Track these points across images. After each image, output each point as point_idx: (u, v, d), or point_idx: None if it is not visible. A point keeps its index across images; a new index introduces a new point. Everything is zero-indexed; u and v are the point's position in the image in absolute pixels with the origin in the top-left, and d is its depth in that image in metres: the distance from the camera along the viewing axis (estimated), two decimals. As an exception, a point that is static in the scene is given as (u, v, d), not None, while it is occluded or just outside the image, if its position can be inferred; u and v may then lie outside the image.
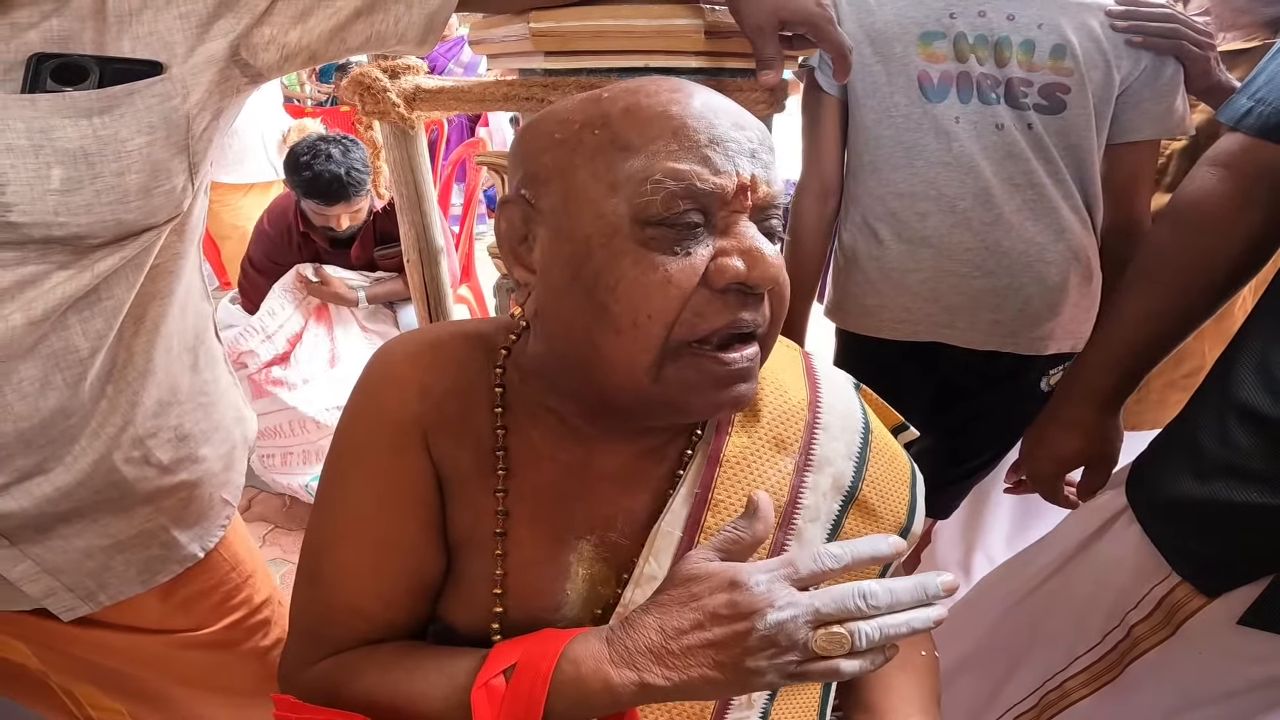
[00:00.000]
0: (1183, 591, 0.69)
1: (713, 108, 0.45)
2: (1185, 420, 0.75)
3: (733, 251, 0.43)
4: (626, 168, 0.43)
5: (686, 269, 0.43)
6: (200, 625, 0.78)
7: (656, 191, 0.42)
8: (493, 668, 0.45)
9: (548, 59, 0.90)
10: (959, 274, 1.03)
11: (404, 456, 0.52)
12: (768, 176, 0.45)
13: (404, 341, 0.56)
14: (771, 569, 0.44)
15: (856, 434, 0.59)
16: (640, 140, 0.43)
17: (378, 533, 0.52)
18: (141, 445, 0.64)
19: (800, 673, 0.42)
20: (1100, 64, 0.97)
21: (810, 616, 0.42)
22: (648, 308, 0.43)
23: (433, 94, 1.06)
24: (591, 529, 0.54)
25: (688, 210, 0.43)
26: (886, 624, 0.42)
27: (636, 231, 0.43)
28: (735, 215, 0.44)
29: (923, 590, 0.44)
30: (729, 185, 0.43)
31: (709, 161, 0.43)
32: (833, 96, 1.09)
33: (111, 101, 0.49)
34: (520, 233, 0.49)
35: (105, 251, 0.53)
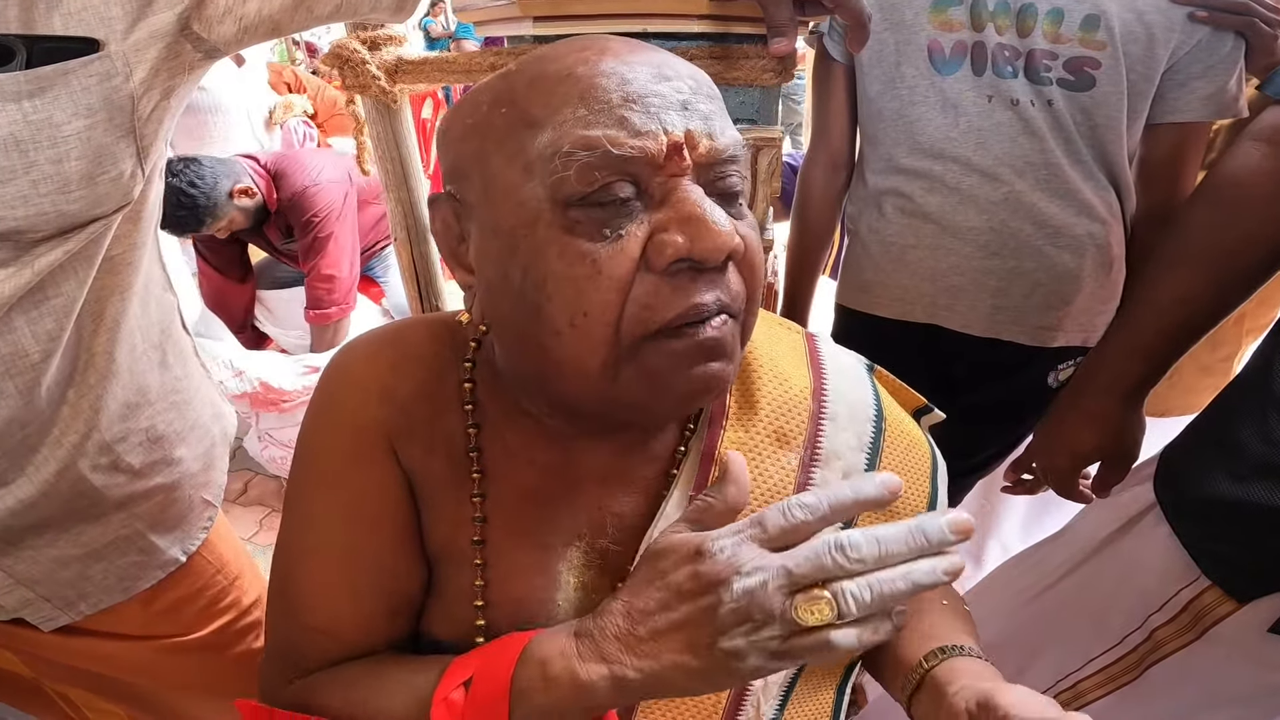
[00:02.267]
0: (1211, 596, 0.65)
1: (627, 61, 0.39)
2: (1220, 414, 0.70)
3: (671, 224, 0.38)
4: (537, 144, 0.38)
5: (616, 254, 0.37)
6: (188, 630, 0.76)
7: (568, 166, 0.37)
8: (451, 681, 0.41)
9: (536, 24, 0.84)
10: (961, 253, 0.97)
11: (368, 466, 0.49)
12: (709, 129, 0.39)
13: (364, 341, 0.52)
14: (738, 530, 0.38)
15: (868, 423, 0.54)
16: (546, 111, 0.38)
17: (347, 549, 0.49)
18: (109, 451, 0.61)
19: (786, 650, 0.35)
20: (1141, 38, 0.86)
21: (783, 580, 0.35)
22: (581, 305, 0.38)
23: (415, 66, 1.00)
24: (579, 535, 0.50)
25: (610, 182, 0.37)
26: (878, 580, 0.35)
27: (559, 216, 0.38)
28: (674, 180, 0.38)
29: (921, 535, 0.36)
30: (654, 146, 0.37)
31: (625, 123, 0.37)
32: (842, 64, 1.03)
33: (42, 83, 0.44)
34: (456, 231, 0.45)
35: (47, 246, 0.48)
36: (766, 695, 0.52)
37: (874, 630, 0.35)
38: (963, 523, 0.36)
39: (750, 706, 0.51)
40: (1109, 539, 0.77)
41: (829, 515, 0.37)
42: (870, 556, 0.35)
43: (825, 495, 0.38)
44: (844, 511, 0.38)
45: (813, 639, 0.35)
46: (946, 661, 0.50)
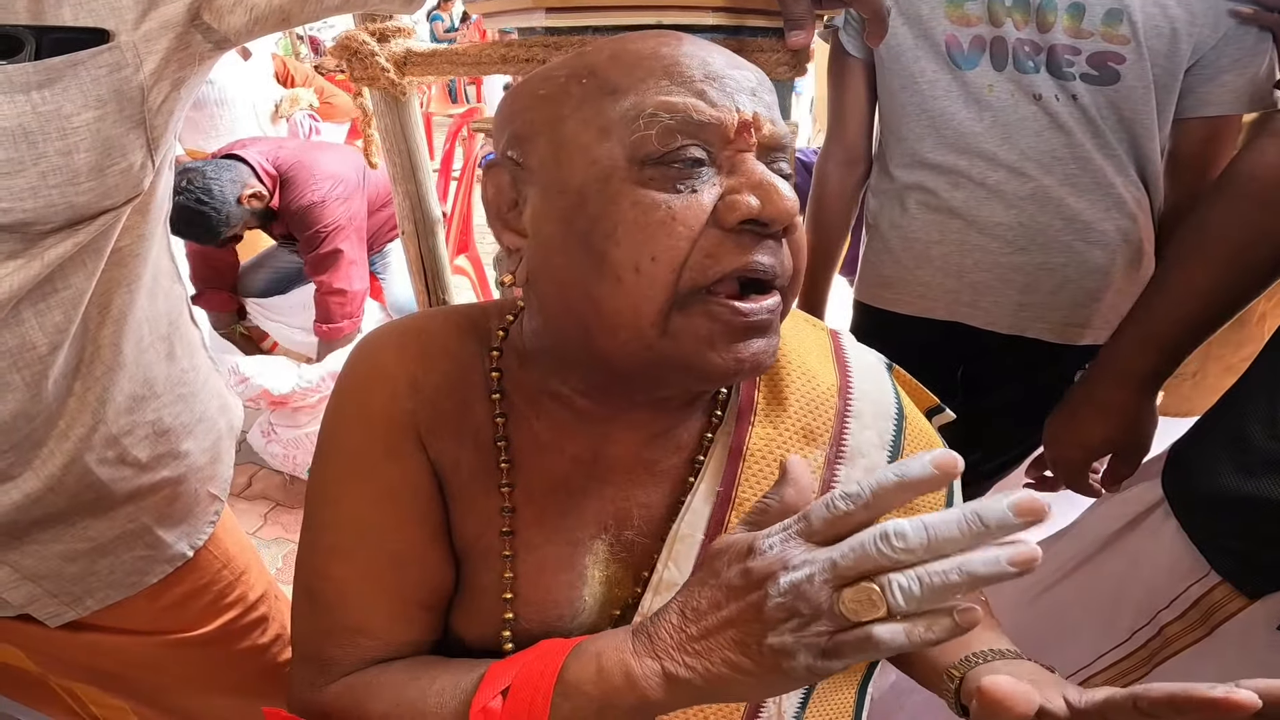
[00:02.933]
0: (1222, 592, 0.65)
1: (705, 48, 0.43)
2: (1229, 409, 0.70)
3: (743, 187, 0.40)
4: (617, 109, 0.41)
5: (693, 205, 0.40)
6: (194, 626, 0.76)
7: (651, 126, 0.39)
8: (490, 689, 0.41)
9: (549, 16, 0.84)
10: (987, 249, 0.96)
11: (399, 459, 0.48)
12: (771, 116, 0.43)
13: (387, 332, 0.52)
14: (785, 526, 0.37)
15: (890, 420, 0.55)
16: (629, 80, 0.41)
17: (378, 544, 0.48)
18: (116, 444, 0.60)
19: (834, 647, 0.34)
20: (1165, 32, 0.85)
21: (829, 573, 0.34)
22: (651, 249, 0.39)
23: (425, 58, 1.00)
24: (605, 527, 0.50)
25: (687, 145, 0.40)
26: (928, 572, 0.32)
27: (634, 172, 0.40)
28: (741, 154, 0.41)
29: (977, 520, 0.32)
30: (729, 120, 0.40)
31: (705, 95, 0.40)
32: (858, 59, 1.02)
33: (52, 74, 0.44)
34: (509, 197, 0.46)
35: (57, 238, 0.48)
36: (789, 695, 0.52)
37: (929, 628, 0.32)
38: (1029, 503, 0.31)
39: (772, 704, 0.51)
40: (1117, 535, 0.77)
41: (872, 503, 0.35)
42: (918, 545, 0.32)
43: (868, 482, 0.36)
44: (889, 497, 0.35)
45: (856, 634, 0.33)
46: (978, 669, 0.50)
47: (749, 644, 0.35)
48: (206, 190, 1.74)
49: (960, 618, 0.33)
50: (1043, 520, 0.32)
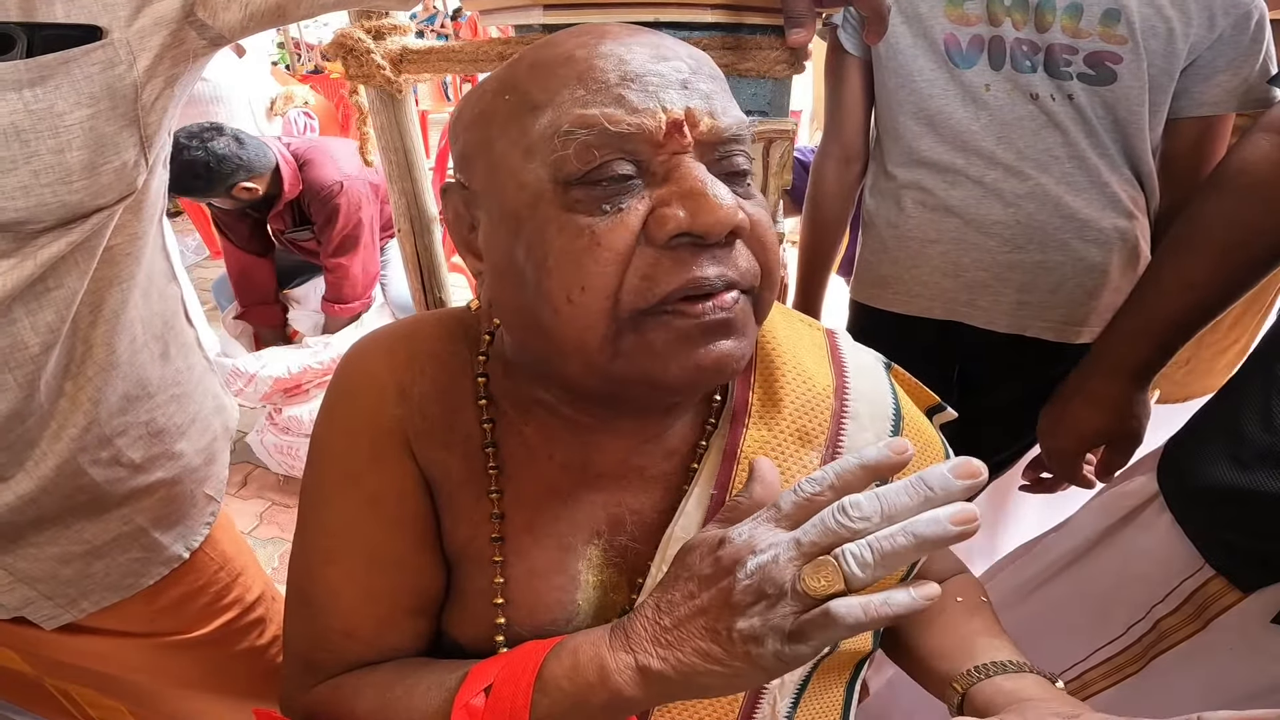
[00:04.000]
0: (1216, 586, 0.66)
1: (625, 43, 0.40)
2: (1224, 402, 0.70)
3: (672, 198, 0.38)
4: (538, 127, 0.39)
5: (616, 226, 0.38)
6: (191, 628, 0.75)
7: (567, 145, 0.37)
8: (472, 686, 0.41)
9: (547, 13, 0.83)
10: (984, 247, 0.96)
11: (387, 466, 0.48)
12: (710, 108, 0.39)
13: (376, 338, 0.52)
14: (756, 516, 0.38)
15: (887, 421, 0.54)
16: (545, 94, 0.39)
17: (367, 550, 0.48)
18: (109, 445, 0.60)
19: (799, 629, 0.34)
20: (1161, 32, 0.85)
21: (793, 551, 0.35)
22: (579, 279, 0.38)
23: (420, 56, 1.00)
24: (598, 532, 0.50)
25: (609, 160, 0.37)
26: (878, 537, 0.33)
27: (560, 195, 0.38)
28: (676, 158, 0.38)
29: (923, 486, 0.34)
30: (651, 124, 0.37)
31: (623, 101, 0.37)
32: (856, 57, 1.02)
33: (44, 72, 0.43)
34: (466, 220, 0.45)
35: (50, 237, 0.48)
36: (782, 693, 0.52)
37: (885, 602, 0.33)
38: (968, 467, 0.34)
39: (766, 705, 0.51)
40: (1111, 529, 0.77)
41: (837, 485, 0.37)
42: (873, 513, 0.34)
43: (832, 466, 0.37)
44: (852, 480, 0.37)
45: (817, 612, 0.33)
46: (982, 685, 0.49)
47: (719, 631, 0.36)
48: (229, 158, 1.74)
49: (917, 592, 0.34)
50: (980, 482, 0.34)
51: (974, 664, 0.51)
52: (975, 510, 0.33)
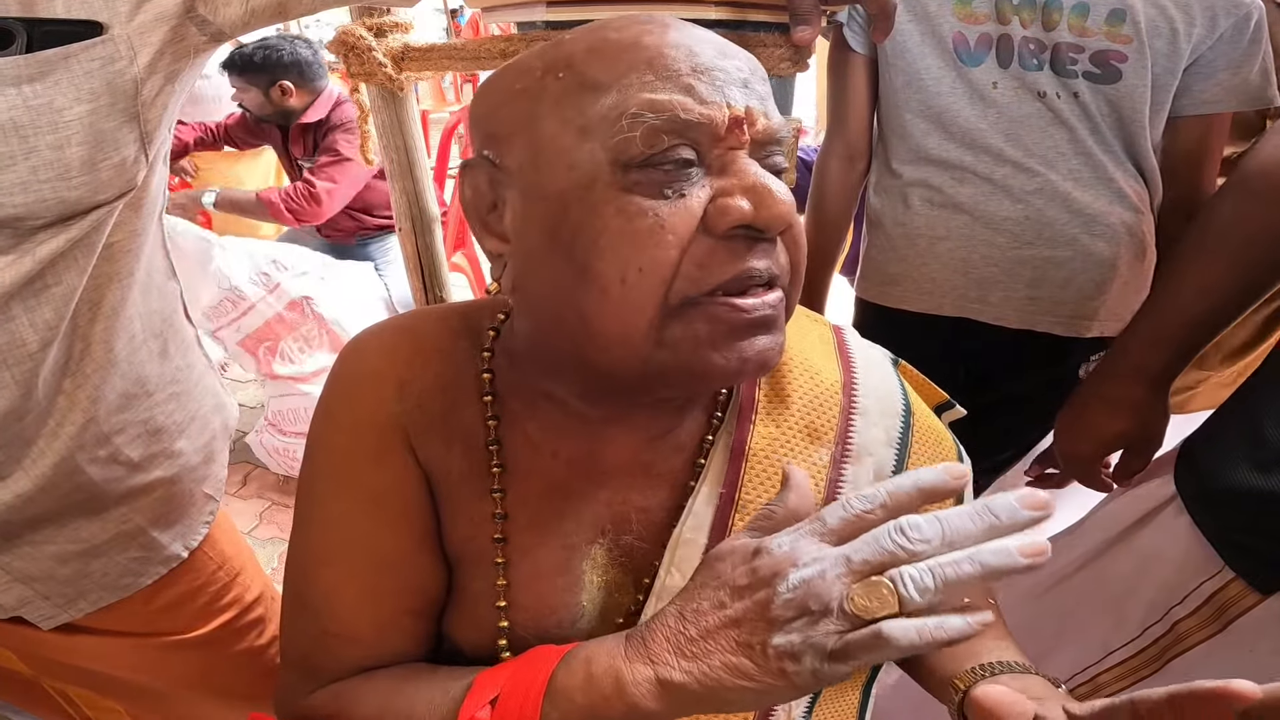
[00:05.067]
0: (1236, 588, 0.65)
1: (692, 36, 0.40)
2: (1243, 404, 0.70)
3: (735, 190, 0.38)
4: (598, 107, 0.38)
5: (681, 211, 0.37)
6: (189, 628, 0.75)
7: (634, 127, 0.36)
8: (478, 697, 0.40)
9: (550, 9, 0.82)
10: (994, 244, 0.96)
11: (387, 463, 0.47)
12: (765, 109, 0.40)
13: (377, 332, 0.50)
14: (797, 529, 0.37)
15: (897, 417, 0.53)
16: (610, 76, 0.38)
17: (366, 552, 0.47)
18: (108, 443, 0.59)
19: (843, 648, 0.32)
20: (1165, 32, 0.87)
21: (841, 568, 0.33)
22: (638, 260, 0.37)
23: (422, 53, 0.99)
24: (602, 531, 0.49)
25: (674, 145, 0.37)
26: (940, 563, 0.32)
27: (618, 177, 0.37)
28: (733, 152, 0.39)
29: (989, 514, 0.32)
30: (719, 116, 0.38)
31: (693, 91, 0.37)
32: (861, 55, 1.02)
33: (43, 67, 0.43)
34: (488, 199, 0.43)
35: (49, 234, 0.47)
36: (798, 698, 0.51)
37: (940, 626, 0.32)
38: (1036, 498, 0.32)
39: (782, 711, 0.50)
40: (1127, 531, 0.76)
41: (889, 504, 0.35)
42: (934, 537, 0.33)
43: (885, 485, 0.36)
44: (905, 500, 0.35)
45: (867, 632, 0.32)
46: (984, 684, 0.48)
47: (753, 645, 0.34)
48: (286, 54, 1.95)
49: (972, 617, 0.32)
50: (1049, 514, 0.33)
51: (977, 663, 0.49)
52: (1046, 544, 0.32)
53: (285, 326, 1.83)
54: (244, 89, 2.05)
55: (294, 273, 1.83)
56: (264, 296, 1.80)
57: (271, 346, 1.85)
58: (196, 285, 1.77)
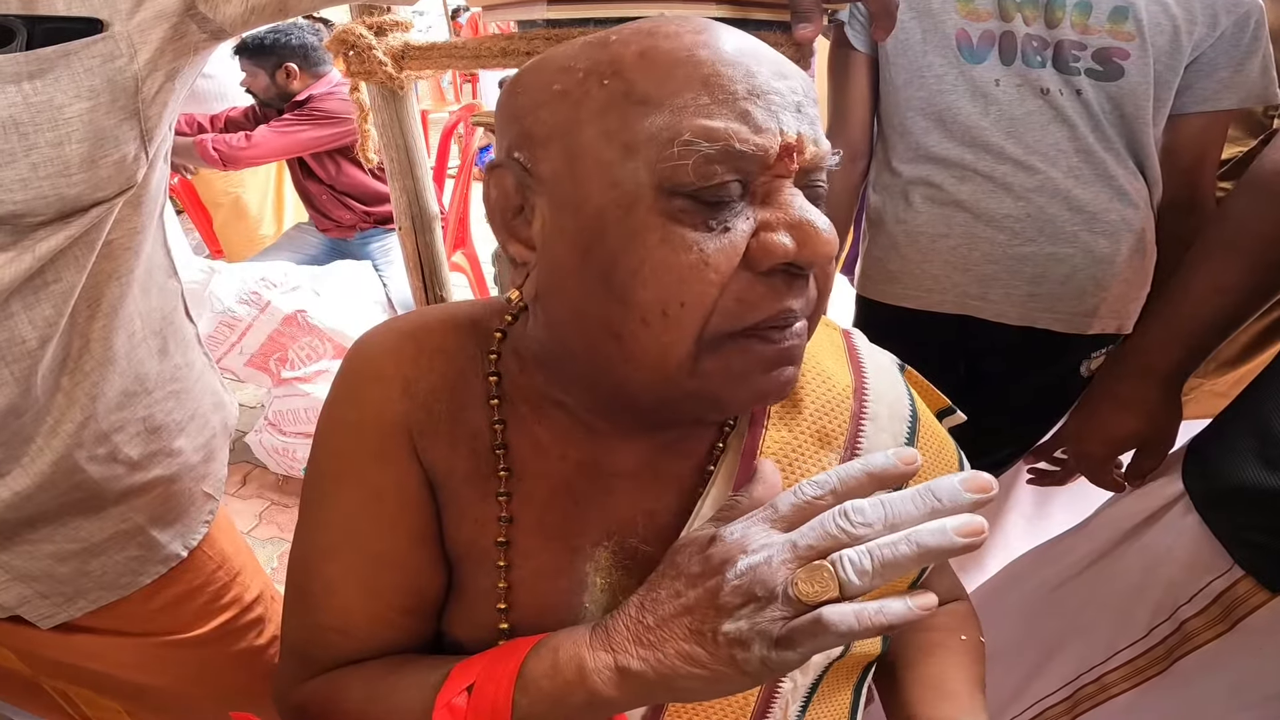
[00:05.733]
0: (1245, 586, 0.64)
1: (749, 52, 0.37)
2: (1251, 401, 0.69)
3: (779, 225, 0.36)
4: (646, 125, 0.35)
5: (726, 249, 0.36)
6: (188, 627, 0.74)
7: (687, 155, 0.34)
8: (455, 685, 0.41)
9: (550, 7, 0.82)
10: (995, 240, 0.96)
11: (388, 464, 0.47)
12: (815, 134, 0.38)
13: (382, 332, 0.50)
14: (749, 516, 0.37)
15: (904, 422, 0.53)
16: (662, 92, 0.36)
17: (364, 549, 0.47)
18: (107, 441, 0.59)
19: (788, 635, 0.32)
20: (1167, 29, 0.88)
21: (787, 553, 0.33)
22: (680, 295, 0.36)
23: (423, 52, 0.98)
24: (609, 534, 0.48)
25: (726, 180, 0.35)
26: (879, 544, 0.32)
27: (662, 202, 0.36)
28: (779, 181, 0.37)
29: (931, 496, 0.33)
30: (772, 146, 0.36)
31: (749, 117, 0.35)
32: (863, 54, 1.02)
33: (44, 64, 0.43)
34: (514, 203, 0.42)
35: (48, 230, 0.47)
36: (794, 697, 0.50)
37: (880, 611, 0.32)
38: (979, 481, 0.32)
39: (778, 708, 0.49)
40: (1134, 530, 0.75)
41: (839, 490, 0.36)
42: (876, 520, 0.33)
43: (836, 470, 0.36)
44: (854, 486, 0.36)
45: (808, 618, 0.32)
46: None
47: (704, 632, 0.34)
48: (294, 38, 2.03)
49: (914, 602, 0.32)
50: (991, 496, 0.33)
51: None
52: (983, 523, 0.32)
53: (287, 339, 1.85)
54: (253, 73, 2.10)
55: (283, 289, 1.85)
56: (257, 316, 1.82)
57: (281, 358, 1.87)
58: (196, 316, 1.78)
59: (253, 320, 1.81)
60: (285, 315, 1.82)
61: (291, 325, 1.83)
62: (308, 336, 1.85)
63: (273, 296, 1.82)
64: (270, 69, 2.06)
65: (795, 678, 0.49)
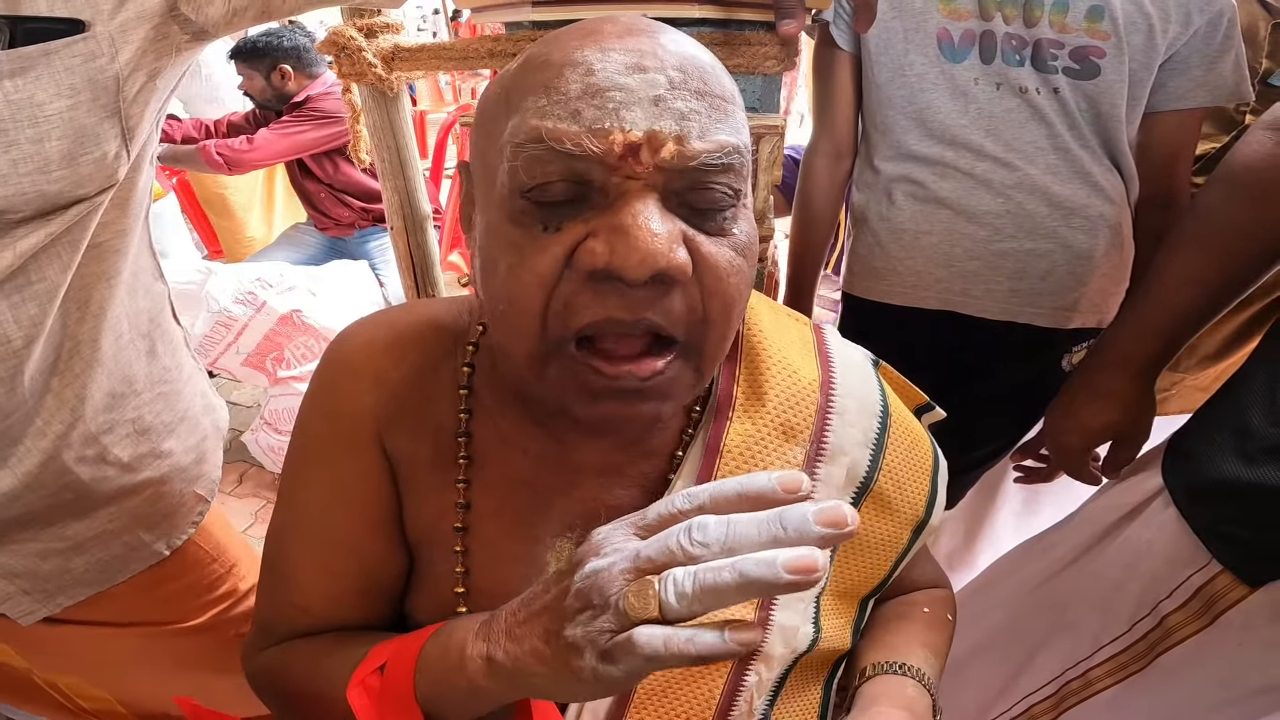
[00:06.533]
0: (1223, 581, 0.65)
1: (605, 48, 0.36)
2: (1229, 397, 0.69)
3: (600, 230, 0.35)
4: (505, 129, 0.37)
5: (541, 250, 0.36)
6: (183, 618, 0.76)
7: (517, 156, 0.36)
8: (371, 664, 0.42)
9: (536, 9, 0.83)
10: (976, 237, 0.97)
11: (353, 453, 0.49)
12: (683, 129, 0.35)
13: (362, 326, 0.52)
14: (620, 520, 0.35)
15: (874, 418, 0.53)
16: (518, 97, 0.37)
17: (326, 534, 0.50)
18: (96, 443, 0.60)
19: (610, 649, 0.30)
20: (1142, 28, 0.89)
21: (628, 563, 0.31)
22: (506, 294, 0.38)
23: (412, 53, 0.99)
24: (570, 527, 0.49)
25: (552, 180, 0.35)
26: (705, 568, 0.29)
27: (512, 204, 0.37)
28: (627, 183, 0.35)
29: (777, 524, 0.29)
30: (602, 145, 0.34)
31: (579, 117, 0.35)
32: (846, 52, 1.02)
33: (25, 63, 0.44)
34: (468, 205, 0.46)
35: (28, 228, 0.48)
36: (760, 690, 0.51)
37: (690, 640, 0.29)
38: (834, 514, 0.29)
39: (743, 701, 0.50)
40: (1116, 525, 0.76)
41: (707, 505, 0.32)
42: (715, 540, 0.29)
43: (712, 485, 0.33)
44: (724, 504, 0.32)
45: (624, 635, 0.30)
46: (873, 679, 0.52)
47: (552, 633, 0.33)
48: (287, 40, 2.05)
49: (730, 636, 0.29)
50: (848, 534, 0.29)
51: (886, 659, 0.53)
52: (818, 560, 0.28)
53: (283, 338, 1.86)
54: (249, 76, 2.12)
55: (279, 289, 1.86)
56: (253, 316, 1.83)
57: (278, 357, 1.88)
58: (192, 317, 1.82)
59: (249, 320, 1.83)
60: (281, 315, 1.82)
61: (287, 325, 1.84)
62: (303, 336, 1.86)
63: (268, 297, 1.83)
64: (265, 71, 2.09)
65: (760, 671, 0.49)
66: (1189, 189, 1.00)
